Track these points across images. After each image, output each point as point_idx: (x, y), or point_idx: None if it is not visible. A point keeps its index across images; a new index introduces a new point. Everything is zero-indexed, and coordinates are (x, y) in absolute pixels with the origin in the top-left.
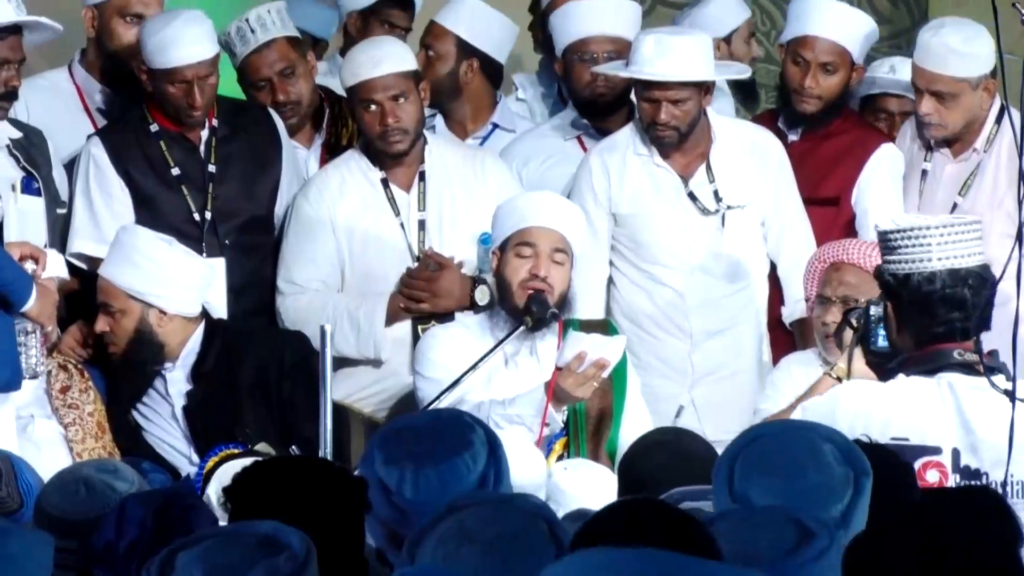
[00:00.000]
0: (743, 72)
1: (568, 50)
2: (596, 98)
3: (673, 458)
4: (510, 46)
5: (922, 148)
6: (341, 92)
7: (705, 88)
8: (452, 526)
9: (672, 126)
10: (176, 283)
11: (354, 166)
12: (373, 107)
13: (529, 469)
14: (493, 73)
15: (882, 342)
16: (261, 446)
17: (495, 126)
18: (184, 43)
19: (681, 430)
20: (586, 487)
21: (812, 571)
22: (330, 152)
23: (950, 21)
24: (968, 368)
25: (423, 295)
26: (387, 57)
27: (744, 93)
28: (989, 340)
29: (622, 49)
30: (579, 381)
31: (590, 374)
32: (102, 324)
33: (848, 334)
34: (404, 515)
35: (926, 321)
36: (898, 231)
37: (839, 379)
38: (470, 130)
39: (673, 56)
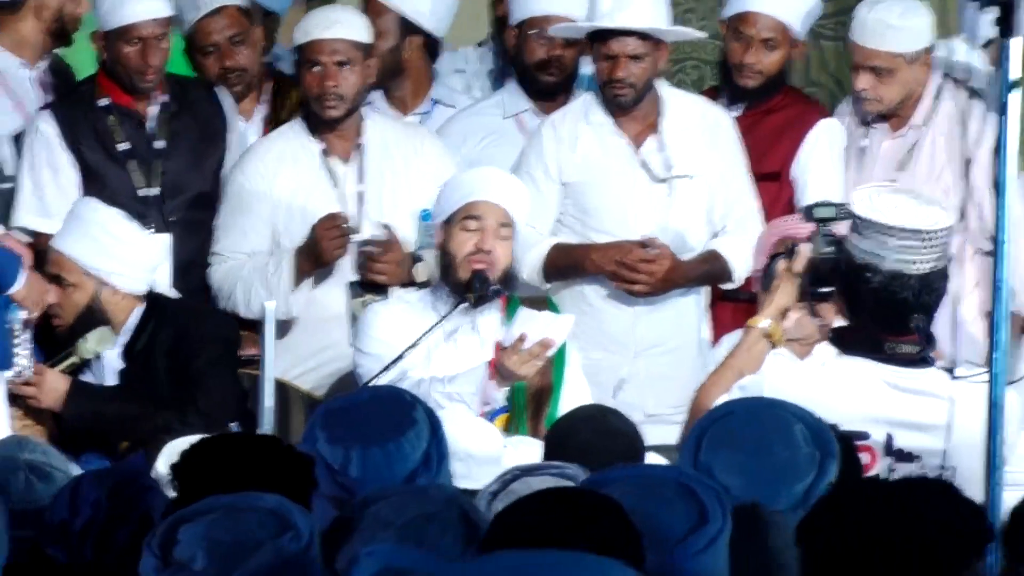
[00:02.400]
0: (698, 35)
1: (525, 24)
2: (547, 76)
3: (597, 434)
4: (450, 21)
5: (859, 124)
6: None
7: (661, 49)
8: (369, 516)
9: (629, 83)
10: (133, 261)
11: (292, 137)
12: (317, 68)
13: (485, 441)
14: (433, 49)
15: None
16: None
17: (435, 102)
18: (139, 0)
19: (608, 408)
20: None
21: (702, 561)
22: (271, 126)
23: None
24: (902, 359)
25: (385, 266)
26: (341, 23)
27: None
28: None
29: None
30: (523, 359)
31: (535, 352)
32: (51, 296)
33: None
34: (351, 494)
35: (868, 306)
36: (867, 220)
37: (768, 336)
38: (411, 106)
39: (632, 9)
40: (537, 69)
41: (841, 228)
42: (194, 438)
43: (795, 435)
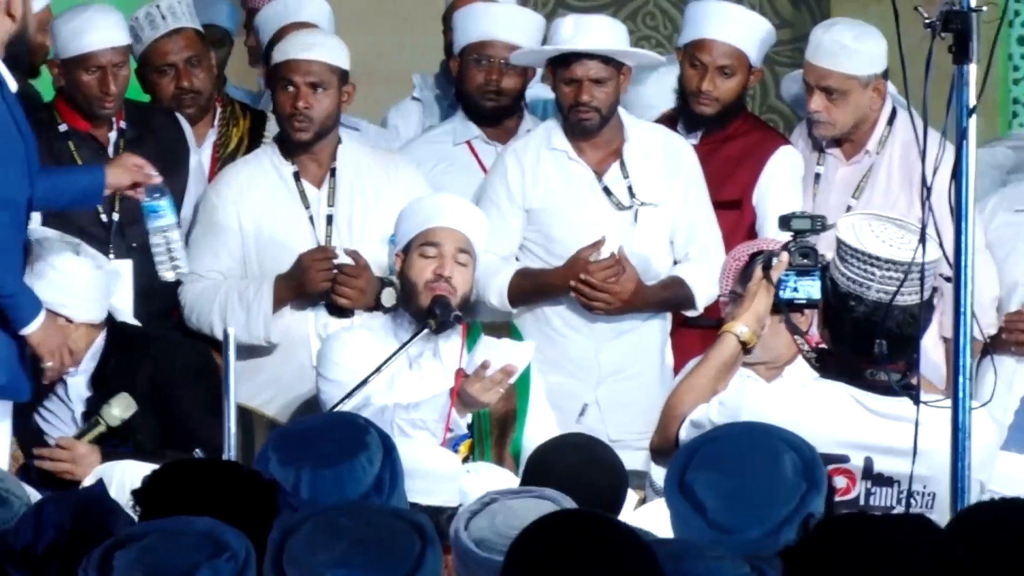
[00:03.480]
0: (659, 58)
1: (466, 50)
2: (485, 102)
3: (582, 464)
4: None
5: (814, 151)
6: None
7: (624, 73)
8: (323, 521)
9: (594, 107)
10: (83, 293)
11: (266, 160)
12: (291, 88)
13: (444, 460)
14: None
15: (790, 293)
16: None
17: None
18: (97, 28)
19: (594, 438)
20: (489, 489)
21: None
22: (221, 151)
23: (843, 20)
24: (881, 387)
25: (351, 291)
26: (319, 45)
27: None
28: None
29: None
30: (485, 387)
31: (497, 379)
32: (71, 345)
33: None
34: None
35: (850, 334)
36: (852, 249)
37: (743, 343)
38: None
39: (593, 33)
40: (478, 94)
41: (815, 239)
42: (145, 465)
43: (783, 464)
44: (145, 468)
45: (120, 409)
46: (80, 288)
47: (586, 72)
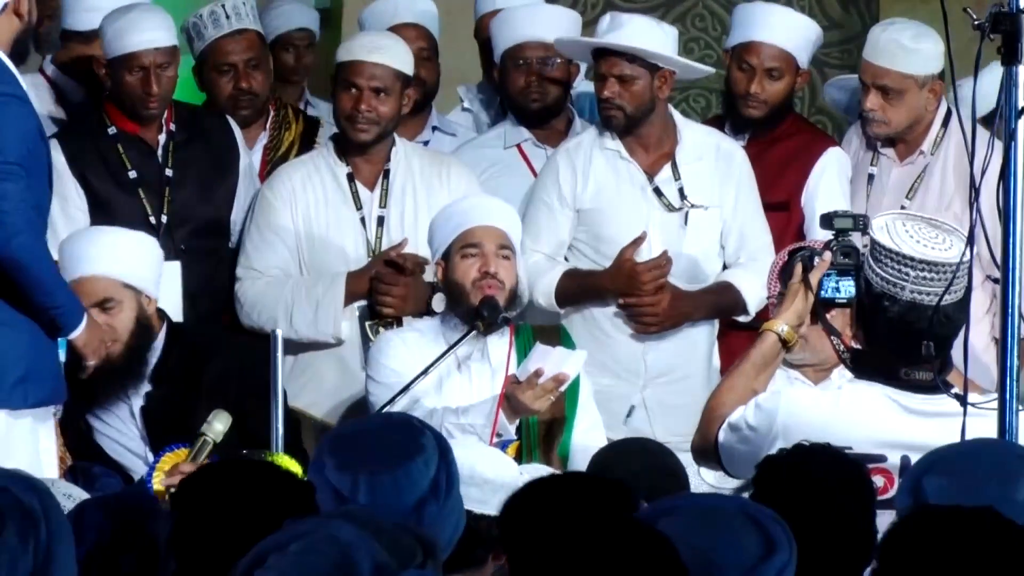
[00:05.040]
0: (695, 65)
1: (505, 55)
2: (529, 103)
3: (647, 468)
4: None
5: (867, 151)
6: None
7: (661, 76)
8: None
9: (617, 104)
10: (148, 264)
11: (321, 160)
12: (353, 90)
13: (502, 468)
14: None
15: (831, 293)
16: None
17: (435, 129)
18: (142, 29)
19: (660, 445)
20: None
21: None
22: (270, 154)
23: (901, 20)
24: (917, 385)
25: (391, 299)
26: (386, 49)
27: None
28: None
29: (557, 55)
30: (536, 395)
31: (548, 387)
32: (108, 334)
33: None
34: None
35: (884, 335)
36: (886, 249)
37: (784, 340)
38: (412, 136)
39: (624, 30)
40: (521, 97)
41: (857, 239)
42: None
43: (1018, 486)
44: None
45: (222, 424)
46: (152, 263)
47: (610, 69)
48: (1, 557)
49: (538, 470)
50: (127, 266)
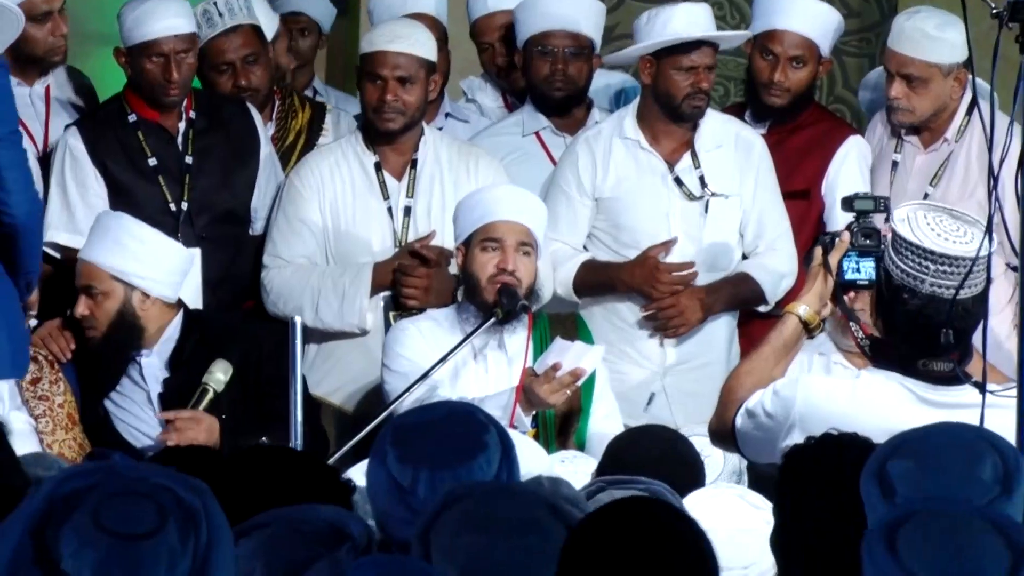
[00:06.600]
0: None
1: (529, 42)
2: (553, 91)
3: (665, 455)
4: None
5: (892, 138)
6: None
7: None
8: (457, 516)
9: (707, 91)
10: (159, 266)
11: (349, 149)
12: (378, 81)
13: (535, 462)
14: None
15: (852, 275)
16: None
17: (448, 115)
18: (161, 16)
19: (678, 433)
20: (584, 479)
21: None
22: (278, 145)
23: (927, 8)
24: (936, 377)
25: (413, 291)
26: (407, 37)
27: None
28: None
29: (583, 45)
30: (553, 388)
31: (565, 382)
32: (83, 308)
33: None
34: (414, 515)
35: (903, 326)
36: (906, 242)
37: (805, 323)
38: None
39: (702, 22)
40: (544, 85)
41: (879, 220)
42: None
43: (983, 466)
44: None
45: (222, 372)
46: (157, 261)
47: (703, 60)
48: (160, 555)
49: (577, 457)
50: (126, 261)
